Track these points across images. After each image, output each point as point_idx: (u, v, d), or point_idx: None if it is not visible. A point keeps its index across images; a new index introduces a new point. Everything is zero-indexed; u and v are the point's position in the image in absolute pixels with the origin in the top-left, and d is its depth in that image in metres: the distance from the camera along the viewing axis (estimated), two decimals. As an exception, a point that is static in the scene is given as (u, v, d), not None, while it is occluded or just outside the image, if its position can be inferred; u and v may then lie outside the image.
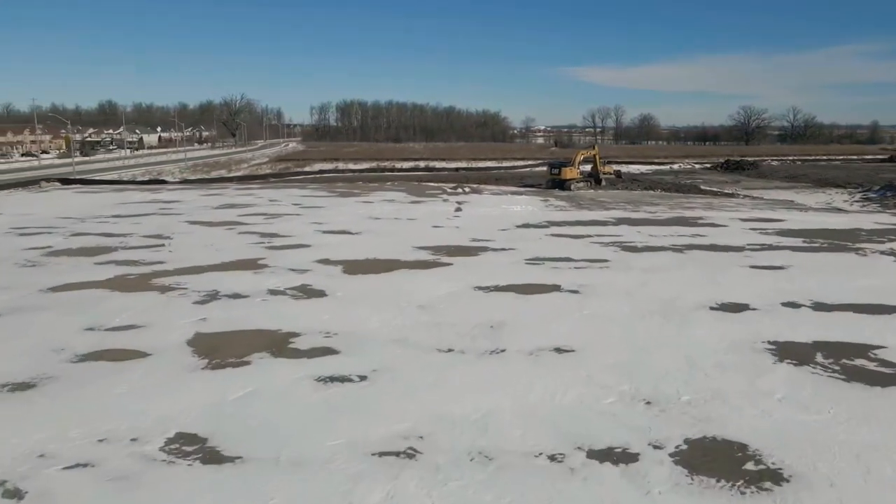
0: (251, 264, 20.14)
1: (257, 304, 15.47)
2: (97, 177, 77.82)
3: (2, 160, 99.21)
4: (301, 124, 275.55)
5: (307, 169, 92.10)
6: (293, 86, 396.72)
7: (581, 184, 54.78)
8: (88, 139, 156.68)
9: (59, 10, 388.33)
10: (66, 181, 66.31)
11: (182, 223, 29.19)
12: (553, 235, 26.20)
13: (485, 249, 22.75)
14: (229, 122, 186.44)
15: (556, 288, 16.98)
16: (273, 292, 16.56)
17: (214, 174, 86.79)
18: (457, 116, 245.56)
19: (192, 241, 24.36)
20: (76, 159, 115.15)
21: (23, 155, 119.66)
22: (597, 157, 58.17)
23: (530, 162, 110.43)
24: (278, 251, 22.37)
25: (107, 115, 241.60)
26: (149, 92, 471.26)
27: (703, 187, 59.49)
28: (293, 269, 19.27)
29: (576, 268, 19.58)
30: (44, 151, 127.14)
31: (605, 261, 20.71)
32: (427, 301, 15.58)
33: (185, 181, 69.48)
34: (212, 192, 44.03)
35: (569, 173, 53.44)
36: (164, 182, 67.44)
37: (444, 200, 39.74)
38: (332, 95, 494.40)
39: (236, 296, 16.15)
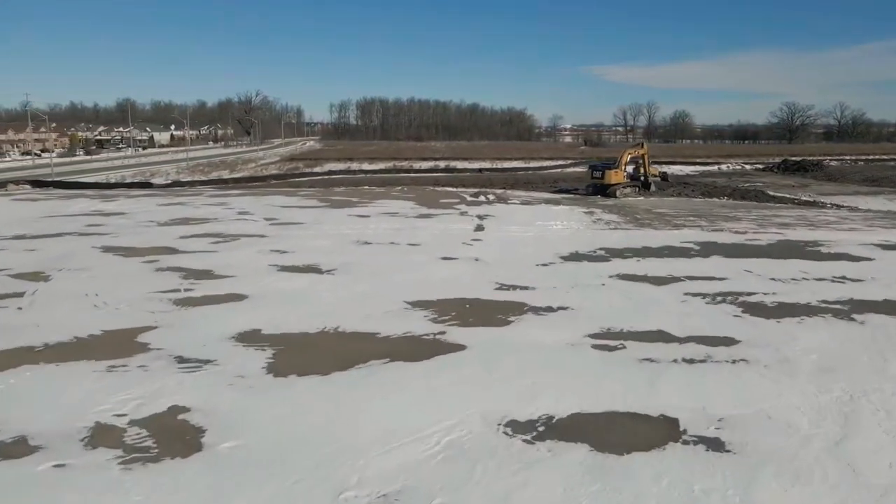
0: (125, 342, 11.79)
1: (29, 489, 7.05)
2: (83, 178, 70.75)
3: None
4: (322, 122, 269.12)
5: (316, 170, 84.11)
6: (313, 83, 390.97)
7: (627, 189, 45.75)
8: (98, 137, 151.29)
9: (81, 8, 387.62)
10: (38, 183, 59.16)
11: (95, 250, 21.00)
12: (621, 278, 17.41)
13: (520, 311, 14.08)
14: (244, 120, 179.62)
15: (678, 438, 8.25)
16: (96, 438, 8.14)
17: (214, 175, 79.39)
18: (481, 114, 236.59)
19: (76, 286, 16.10)
20: (77, 158, 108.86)
21: (23, 154, 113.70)
22: (645, 157, 49.04)
23: (560, 162, 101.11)
24: (189, 310, 13.98)
25: (124, 114, 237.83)
26: (169, 90, 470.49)
27: (770, 193, 50.03)
28: (183, 362, 10.85)
29: (687, 360, 10.86)
30: (45, 150, 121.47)
31: (731, 340, 11.93)
32: (403, 484, 7.02)
33: (175, 183, 61.90)
34: (177, 201, 35.91)
35: (614, 177, 44.44)
36: (149, 185, 59.98)
37: (462, 214, 31.11)
38: (352, 93, 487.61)
39: (11, 456, 7.76)
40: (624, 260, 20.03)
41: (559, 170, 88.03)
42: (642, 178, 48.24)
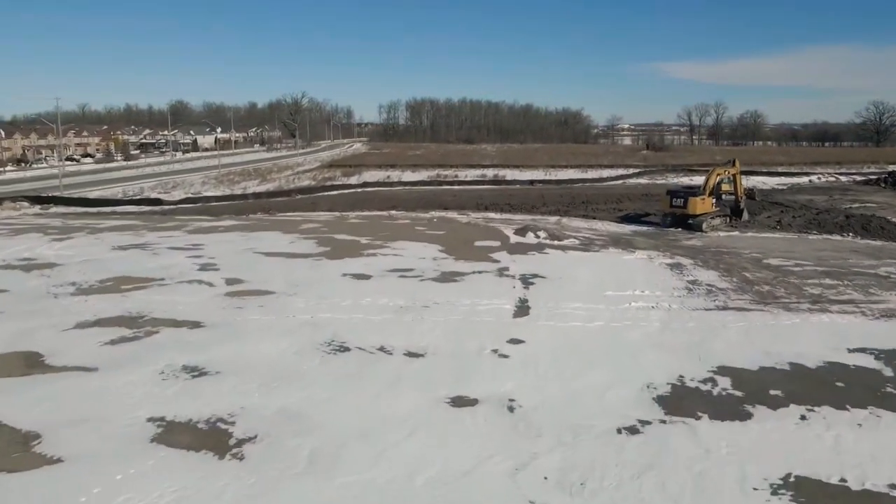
0: None
1: None
2: (97, 190, 64.85)
3: (31, 166, 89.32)
4: (372, 123, 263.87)
5: (351, 180, 76.68)
6: (364, 84, 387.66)
7: (716, 220, 36.35)
8: (143, 141, 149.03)
9: (137, 8, 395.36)
10: (39, 199, 53.61)
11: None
12: (787, 485, 8.76)
13: None
14: (288, 122, 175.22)
15: None
16: None
17: (240, 187, 73.03)
18: (534, 115, 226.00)
19: None
20: (112, 164, 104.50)
21: (64, 159, 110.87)
22: (738, 178, 39.50)
23: (621, 171, 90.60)
24: None
25: (177, 116, 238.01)
26: (222, 91, 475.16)
27: (896, 221, 39.49)
28: None
29: None
30: (86, 155, 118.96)
31: None
32: None
33: (186, 200, 55.21)
34: (141, 241, 28.47)
35: (700, 206, 35.17)
36: (158, 202, 53.75)
37: (501, 272, 22.59)
38: (402, 93, 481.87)
39: None
40: (773, 411, 11.30)
41: (621, 181, 78.09)
42: (734, 204, 38.73)
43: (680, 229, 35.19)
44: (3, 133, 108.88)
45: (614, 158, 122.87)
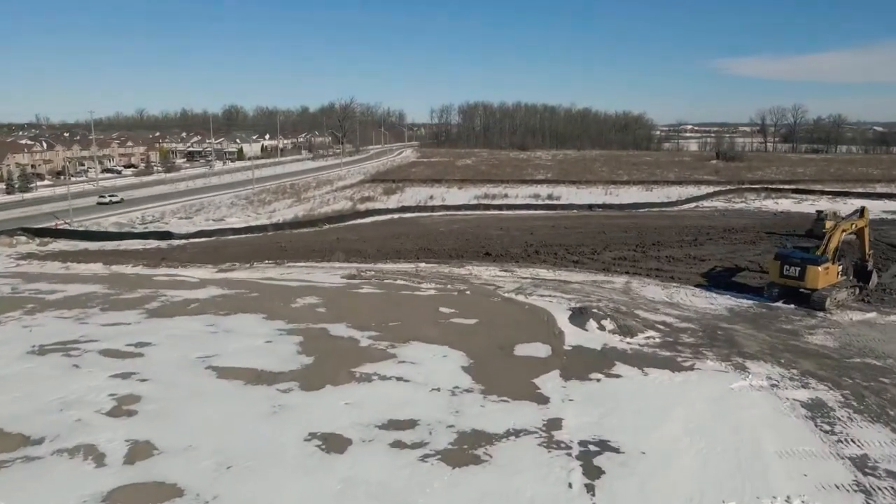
0: None
1: None
2: (109, 216, 59.29)
3: (70, 178, 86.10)
4: (426, 124, 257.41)
5: (391, 202, 69.27)
6: (417, 87, 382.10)
7: (842, 292, 27.42)
8: (190, 149, 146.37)
9: (195, 13, 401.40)
10: (41, 232, 48.34)
11: None
12: None
13: None
14: (335, 131, 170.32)
15: None
16: None
17: (268, 210, 66.67)
18: (593, 119, 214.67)
19: None
20: (149, 178, 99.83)
21: (104, 171, 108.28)
22: (865, 232, 30.36)
23: (691, 189, 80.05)
24: None
25: (231, 122, 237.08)
26: (273, 96, 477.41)
27: None
28: None
29: None
30: (129, 165, 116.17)
31: None
32: None
33: (200, 233, 49.05)
34: (66, 338, 21.74)
35: (822, 277, 26.33)
36: (168, 236, 47.94)
37: (549, 439, 14.66)
38: (455, 97, 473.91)
39: None
40: None
41: (694, 206, 68.00)
42: (858, 264, 29.68)
43: (792, 305, 26.51)
44: (44, 145, 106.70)
45: (681, 170, 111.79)
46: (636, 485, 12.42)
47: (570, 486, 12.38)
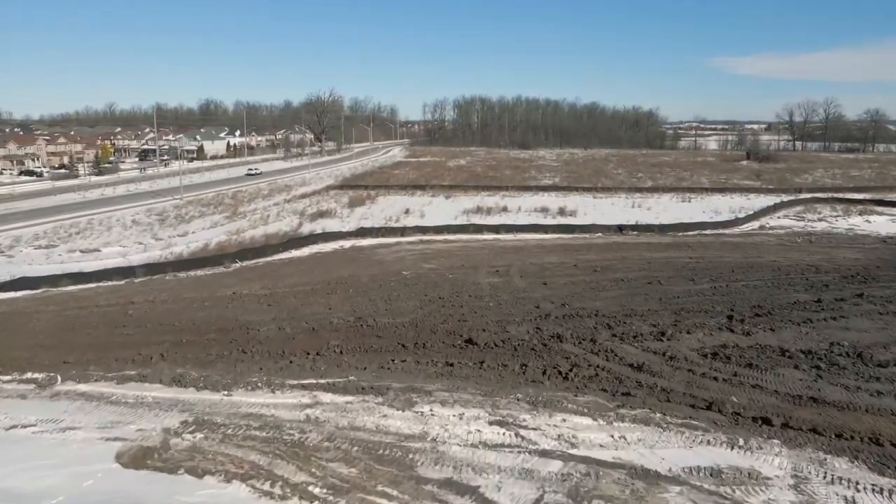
0: None
1: None
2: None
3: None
4: (420, 121, 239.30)
5: (346, 224, 50.52)
6: (410, 82, 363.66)
7: None
8: (144, 147, 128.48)
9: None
10: None
11: None
12: None
13: None
14: (314, 124, 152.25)
15: None
16: None
17: (187, 228, 48.94)
18: (600, 115, 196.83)
19: None
20: (65, 183, 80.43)
21: (22, 173, 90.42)
22: None
23: (738, 199, 61.28)
24: None
25: (207, 117, 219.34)
26: (257, 91, 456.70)
27: None
28: None
29: None
30: (62, 166, 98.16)
31: None
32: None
33: (47, 279, 31.23)
34: None
35: None
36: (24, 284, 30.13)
37: None
38: (451, 92, 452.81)
39: None
40: None
41: (758, 225, 49.95)
42: None
43: None
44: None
45: (712, 173, 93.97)
46: None
47: None
